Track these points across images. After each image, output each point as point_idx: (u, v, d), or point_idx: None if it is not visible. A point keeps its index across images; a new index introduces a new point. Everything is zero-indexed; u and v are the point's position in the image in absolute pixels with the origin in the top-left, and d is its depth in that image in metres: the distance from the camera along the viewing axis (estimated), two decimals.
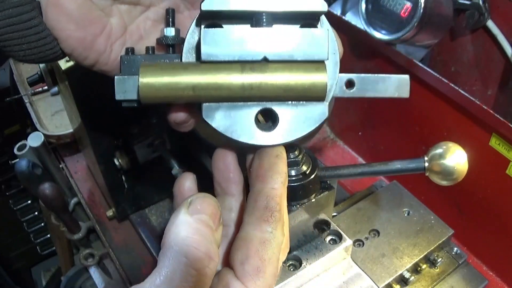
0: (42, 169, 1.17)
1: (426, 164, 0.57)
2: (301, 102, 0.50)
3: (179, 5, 0.57)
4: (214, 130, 0.50)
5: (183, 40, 0.52)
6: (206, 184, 0.56)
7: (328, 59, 0.50)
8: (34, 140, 1.17)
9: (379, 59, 1.03)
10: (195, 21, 0.52)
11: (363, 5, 0.95)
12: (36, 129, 1.27)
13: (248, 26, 0.50)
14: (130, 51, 0.54)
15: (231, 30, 0.49)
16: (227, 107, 0.49)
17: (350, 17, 1.13)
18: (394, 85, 0.53)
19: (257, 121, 0.50)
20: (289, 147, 0.59)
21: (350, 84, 0.53)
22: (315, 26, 0.52)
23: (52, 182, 1.06)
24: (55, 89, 1.39)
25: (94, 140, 0.95)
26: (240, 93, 0.48)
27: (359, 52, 1.08)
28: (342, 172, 0.63)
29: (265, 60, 0.49)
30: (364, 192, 0.94)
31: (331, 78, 0.52)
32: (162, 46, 0.55)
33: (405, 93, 0.53)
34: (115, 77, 0.50)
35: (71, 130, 1.26)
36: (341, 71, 0.53)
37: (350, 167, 0.63)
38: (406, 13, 0.89)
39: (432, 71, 0.90)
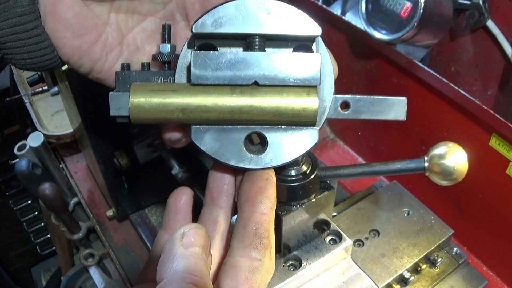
0: (42, 169, 1.17)
1: (426, 164, 0.57)
2: (292, 127, 0.50)
3: (175, 15, 0.57)
4: (202, 151, 0.50)
5: (178, 57, 0.52)
6: (205, 185, 0.56)
7: (320, 84, 0.49)
8: (34, 140, 1.17)
9: (379, 59, 1.03)
10: (187, 43, 0.51)
11: (363, 5, 0.95)
12: (36, 129, 1.27)
13: (240, 49, 0.50)
14: (125, 67, 0.53)
15: (222, 53, 0.48)
16: (216, 130, 0.49)
17: (350, 17, 1.13)
18: (390, 108, 0.52)
19: (246, 143, 0.50)
20: None
21: (345, 105, 0.52)
22: (310, 48, 0.51)
23: (52, 182, 1.06)
24: (55, 89, 1.39)
25: (94, 140, 0.95)
26: (229, 116, 0.48)
27: (359, 52, 1.08)
28: (342, 172, 0.63)
29: (256, 84, 0.48)
30: (364, 192, 0.94)
31: (326, 101, 0.51)
32: (158, 62, 0.55)
33: (401, 115, 0.53)
34: (110, 93, 0.50)
35: (71, 130, 1.26)
36: (342, 71, 0.53)
37: (350, 167, 0.63)
38: (406, 13, 0.89)
39: (432, 71, 0.90)
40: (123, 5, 0.54)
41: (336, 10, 1.21)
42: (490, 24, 0.96)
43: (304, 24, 0.49)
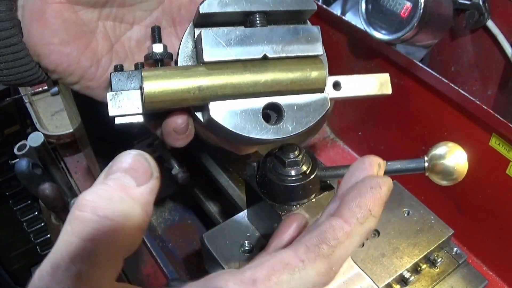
0: (42, 169, 1.17)
1: (426, 164, 0.57)
2: (303, 95, 0.53)
3: (161, 22, 0.57)
4: (223, 128, 0.50)
5: (171, 55, 0.54)
6: (206, 185, 0.56)
7: (323, 53, 0.53)
8: (34, 140, 1.17)
9: (379, 59, 1.03)
10: (187, 30, 0.53)
11: (363, 5, 0.95)
12: (36, 129, 1.27)
13: (243, 27, 0.52)
14: (119, 68, 0.53)
15: (230, 30, 0.50)
16: (233, 105, 0.51)
17: (350, 17, 1.13)
18: (376, 83, 0.58)
19: (263, 115, 0.52)
20: (289, 147, 0.60)
21: (336, 85, 0.56)
22: None
23: (52, 182, 1.06)
24: (55, 89, 1.39)
25: (94, 140, 0.95)
26: (245, 90, 0.50)
27: (359, 52, 1.08)
28: (342, 172, 0.63)
29: (265, 57, 0.51)
30: None
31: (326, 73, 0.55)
32: (151, 63, 0.55)
33: (387, 89, 0.58)
34: (108, 93, 0.50)
35: (71, 130, 1.26)
36: (342, 71, 0.55)
37: None
38: (406, 13, 0.89)
39: (432, 71, 0.90)
40: (112, 12, 0.53)
41: (336, 10, 1.21)
42: (490, 24, 0.96)
43: (301, 0, 0.53)
